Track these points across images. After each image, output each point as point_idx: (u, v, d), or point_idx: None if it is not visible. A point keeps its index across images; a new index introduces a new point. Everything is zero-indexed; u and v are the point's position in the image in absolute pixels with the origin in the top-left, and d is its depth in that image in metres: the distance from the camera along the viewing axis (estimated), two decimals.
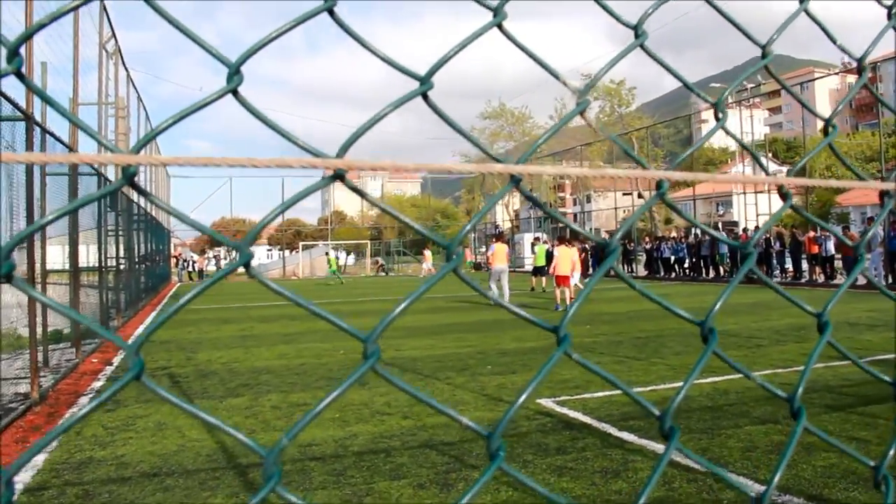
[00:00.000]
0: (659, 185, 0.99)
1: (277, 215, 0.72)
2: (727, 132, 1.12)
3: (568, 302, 19.55)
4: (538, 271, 28.17)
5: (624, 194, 54.91)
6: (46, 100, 0.70)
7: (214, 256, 60.97)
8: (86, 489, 5.33)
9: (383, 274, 56.69)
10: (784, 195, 1.13)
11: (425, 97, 0.80)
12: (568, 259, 19.67)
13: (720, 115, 1.11)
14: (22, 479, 5.63)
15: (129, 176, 0.66)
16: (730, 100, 48.64)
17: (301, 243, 61.11)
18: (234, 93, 0.72)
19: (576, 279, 20.65)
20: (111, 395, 0.67)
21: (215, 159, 0.67)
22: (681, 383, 5.47)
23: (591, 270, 39.46)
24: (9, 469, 0.60)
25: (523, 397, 0.82)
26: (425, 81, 0.80)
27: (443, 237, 0.82)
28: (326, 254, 39.98)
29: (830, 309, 1.24)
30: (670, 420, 0.85)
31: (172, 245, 54.07)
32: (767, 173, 1.11)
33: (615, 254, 0.91)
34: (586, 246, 36.40)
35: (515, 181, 0.85)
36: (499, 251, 20.61)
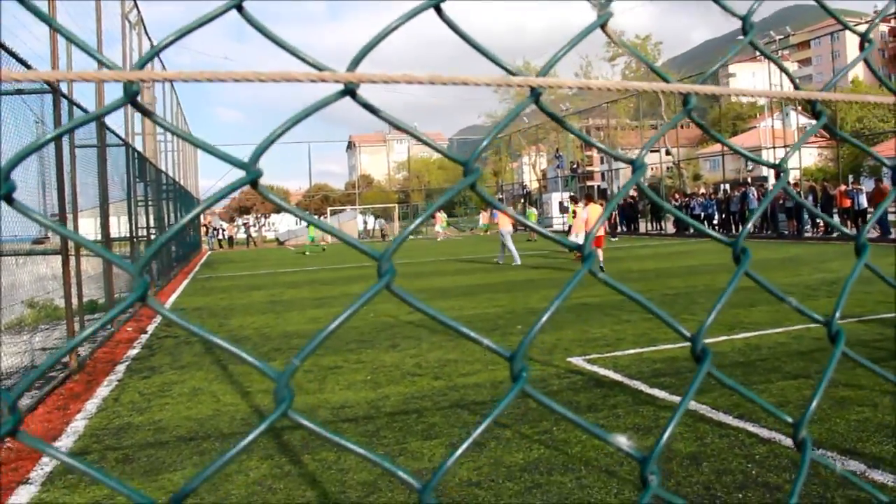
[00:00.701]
0: (686, 100, 0.96)
1: (284, 132, 0.70)
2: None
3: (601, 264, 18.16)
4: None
5: (652, 151, 54.33)
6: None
7: (244, 224, 61.30)
8: (125, 453, 5.45)
9: (380, 239, 54.43)
10: (818, 113, 1.10)
11: (438, 9, 0.78)
12: (597, 216, 17.75)
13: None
14: (64, 444, 5.77)
15: (131, 94, 0.66)
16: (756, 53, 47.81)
17: (329, 208, 61.22)
18: (239, 8, 0.70)
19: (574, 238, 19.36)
20: (122, 310, 0.68)
21: (220, 73, 0.67)
22: (710, 339, 5.46)
23: (619, 228, 39.23)
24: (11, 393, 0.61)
25: (546, 316, 0.80)
26: None
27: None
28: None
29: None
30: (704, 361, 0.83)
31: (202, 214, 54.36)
32: (797, 87, 1.08)
33: (642, 170, 0.89)
34: (631, 200, 35.85)
35: (535, 94, 0.83)
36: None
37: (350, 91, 0.71)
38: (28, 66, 7.93)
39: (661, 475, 4.79)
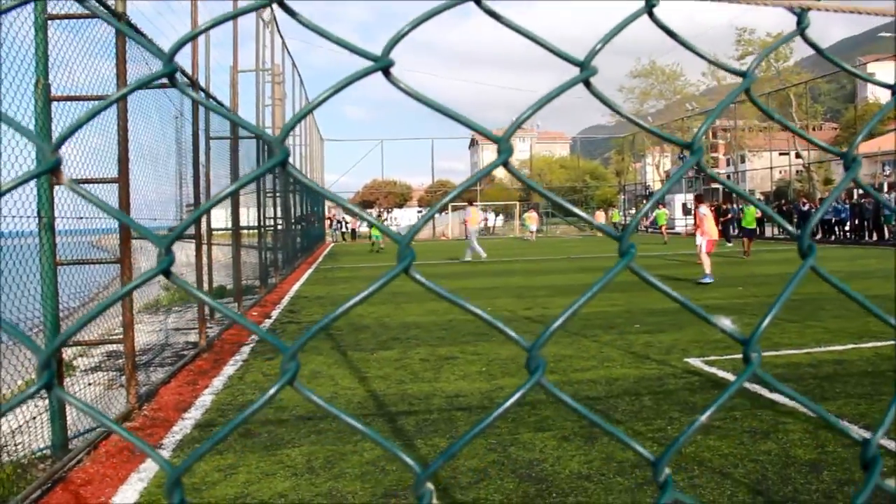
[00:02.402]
0: (799, 19, 0.92)
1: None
2: None
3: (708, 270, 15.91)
4: (750, 233, 24.93)
5: (780, 154, 52.30)
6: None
7: None
8: (248, 428, 5.69)
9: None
10: None
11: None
12: (713, 221, 16.68)
13: None
14: (193, 416, 6.09)
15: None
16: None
17: (451, 204, 61.73)
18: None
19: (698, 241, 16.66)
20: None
21: None
22: (838, 346, 5.29)
23: (733, 231, 37.76)
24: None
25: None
26: None
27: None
28: (379, 215, 30.45)
29: None
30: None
31: (327, 207, 55.98)
32: None
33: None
34: (726, 207, 34.34)
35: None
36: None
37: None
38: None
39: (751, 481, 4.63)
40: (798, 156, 47.81)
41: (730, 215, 32.83)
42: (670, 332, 9.42)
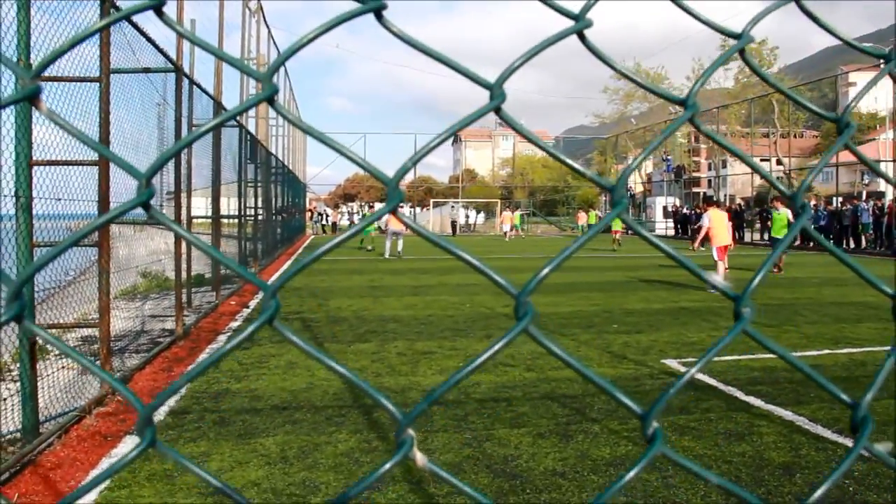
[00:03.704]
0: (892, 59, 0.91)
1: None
2: None
3: (722, 276, 14.61)
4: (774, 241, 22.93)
5: (762, 159, 52.62)
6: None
7: (348, 211, 62.46)
8: (222, 416, 5.66)
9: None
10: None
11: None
12: (724, 225, 15.53)
13: None
14: (167, 402, 6.04)
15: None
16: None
17: (432, 200, 61.73)
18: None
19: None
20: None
21: None
22: (813, 352, 5.33)
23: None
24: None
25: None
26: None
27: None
28: (361, 207, 25.75)
29: None
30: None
31: (308, 199, 55.80)
32: None
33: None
34: (737, 208, 33.75)
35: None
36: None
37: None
38: (159, 49, 8.28)
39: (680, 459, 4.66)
40: (779, 162, 48.14)
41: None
42: (648, 332, 9.47)
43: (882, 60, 0.96)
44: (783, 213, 19.30)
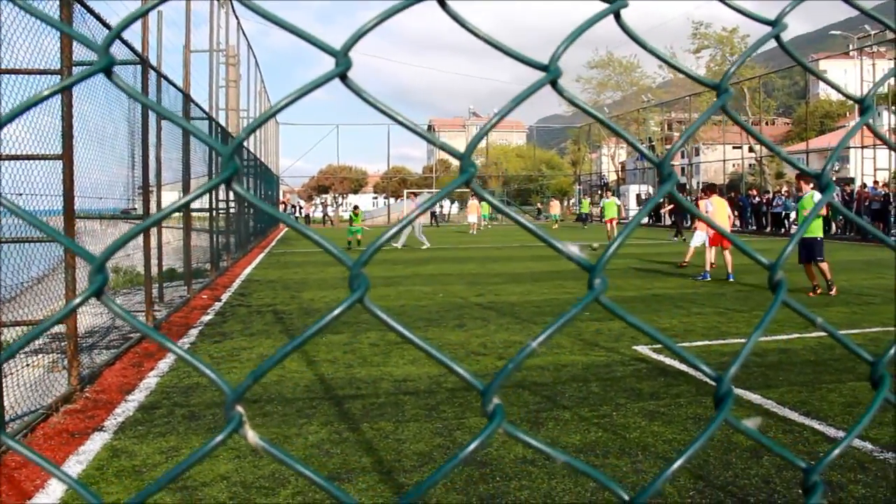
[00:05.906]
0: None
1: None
2: None
3: (708, 265, 14.73)
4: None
5: (734, 147, 53.02)
6: None
7: (322, 203, 62.17)
8: (192, 411, 5.63)
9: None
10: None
11: None
12: (725, 213, 15.12)
13: None
14: (137, 398, 5.99)
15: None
16: (850, 47, 46.04)
17: (406, 191, 61.60)
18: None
19: (702, 239, 15.68)
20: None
21: None
22: (783, 336, 5.40)
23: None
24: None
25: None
26: None
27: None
28: (355, 208, 25.66)
29: None
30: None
31: (281, 191, 55.48)
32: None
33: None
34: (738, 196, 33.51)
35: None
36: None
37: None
38: (124, 41, 8.18)
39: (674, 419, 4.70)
40: (751, 149, 48.53)
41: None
42: (620, 319, 9.52)
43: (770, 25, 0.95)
44: (808, 195, 18.03)
